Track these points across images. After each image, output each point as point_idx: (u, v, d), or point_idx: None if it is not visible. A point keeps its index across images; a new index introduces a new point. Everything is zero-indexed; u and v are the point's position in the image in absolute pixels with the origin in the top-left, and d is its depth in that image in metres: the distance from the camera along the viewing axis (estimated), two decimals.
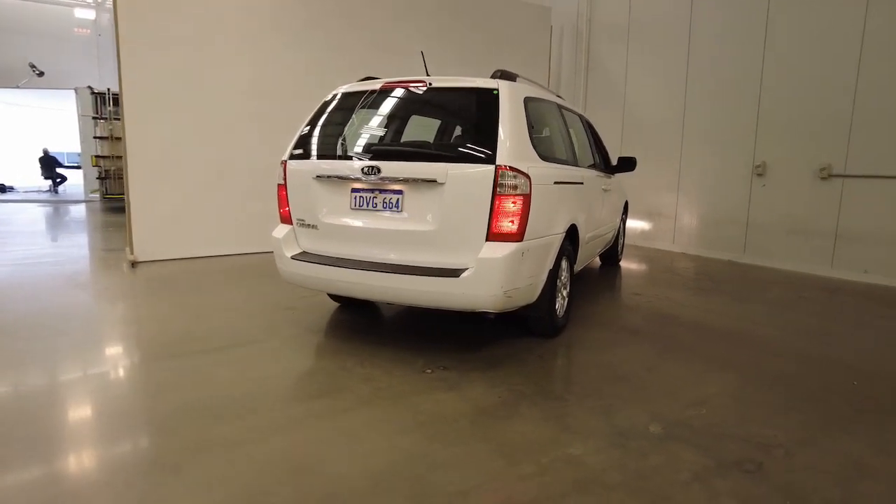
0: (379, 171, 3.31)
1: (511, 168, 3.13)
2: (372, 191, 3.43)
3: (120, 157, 11.59)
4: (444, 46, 8.09)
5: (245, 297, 4.93)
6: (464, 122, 3.54)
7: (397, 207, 3.36)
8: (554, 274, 3.64)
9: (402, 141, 3.80)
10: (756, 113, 6.69)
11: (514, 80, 3.58)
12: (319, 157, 3.68)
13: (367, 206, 3.45)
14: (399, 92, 3.66)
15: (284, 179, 3.77)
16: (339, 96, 3.85)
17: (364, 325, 4.21)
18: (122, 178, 11.69)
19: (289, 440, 2.50)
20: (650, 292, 5.45)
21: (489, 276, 3.11)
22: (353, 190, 3.49)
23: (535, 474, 2.27)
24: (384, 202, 3.40)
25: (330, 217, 3.58)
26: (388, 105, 3.71)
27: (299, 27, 7.05)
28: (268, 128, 6.94)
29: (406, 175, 3.28)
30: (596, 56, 8.82)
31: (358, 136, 3.69)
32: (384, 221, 3.41)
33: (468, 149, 3.26)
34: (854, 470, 2.35)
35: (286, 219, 3.83)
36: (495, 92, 3.36)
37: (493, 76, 3.54)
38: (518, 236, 3.17)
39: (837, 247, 6.07)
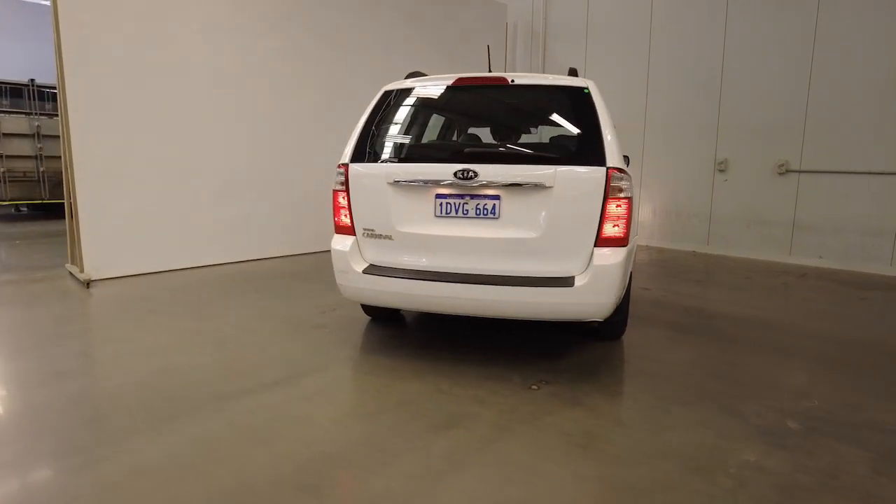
0: (475, 174, 3.06)
1: (619, 170, 3.04)
2: (461, 196, 3.17)
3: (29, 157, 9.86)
4: (401, 40, 7.82)
5: (256, 316, 4.38)
6: (558, 122, 3.38)
7: (493, 214, 3.14)
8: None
9: (485, 142, 3.56)
10: (717, 112, 7.20)
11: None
12: (394, 159, 3.33)
13: (457, 213, 3.19)
14: (476, 89, 3.42)
15: (346, 185, 3.37)
16: (400, 93, 3.52)
17: (411, 339, 3.91)
18: (28, 180, 9.95)
19: (470, 486, 2.23)
20: (654, 286, 5.66)
21: (605, 283, 3.01)
22: (438, 196, 3.21)
23: (737, 487, 2.22)
24: (477, 208, 3.15)
25: (409, 226, 3.25)
26: (463, 103, 3.47)
27: (268, 14, 6.39)
28: (238, 123, 6.25)
29: (509, 179, 3.06)
30: (553, 54, 8.98)
31: (439, 136, 3.38)
32: (477, 229, 3.17)
33: (576, 150, 3.12)
34: None
35: (345, 229, 3.43)
36: (586, 91, 3.25)
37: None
38: (625, 240, 3.10)
39: (795, 236, 6.73)
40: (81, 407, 2.82)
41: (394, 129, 3.42)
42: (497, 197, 3.12)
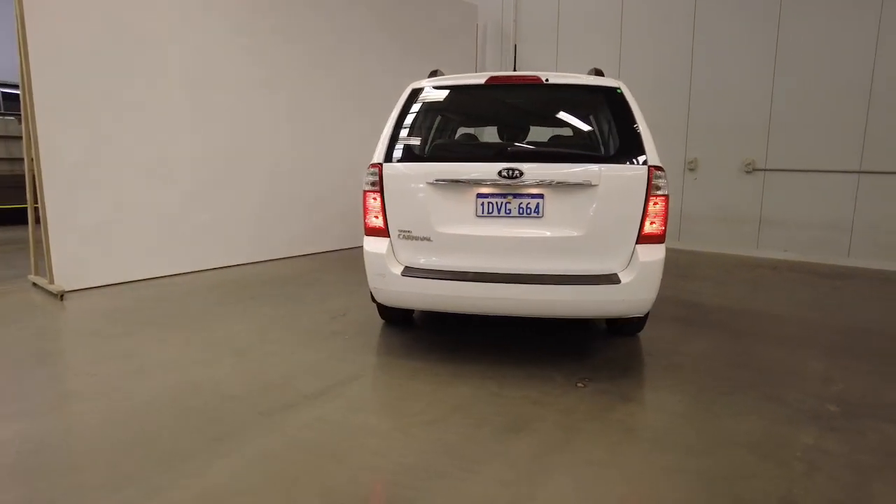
0: (521, 173, 3.05)
1: (659, 168, 3.12)
2: (504, 195, 3.14)
3: None
4: (375, 40, 7.71)
5: (264, 324, 4.17)
6: (595, 122, 3.41)
7: (537, 212, 3.13)
8: None
9: (527, 140, 3.53)
10: (687, 113, 7.54)
11: None
12: (433, 158, 3.26)
13: (499, 212, 3.16)
14: (509, 88, 3.40)
15: (380, 185, 3.26)
16: (429, 91, 3.44)
17: (434, 342, 3.83)
18: None
19: (569, 488, 2.21)
20: None
21: (650, 279, 3.07)
22: (480, 195, 3.16)
23: (811, 470, 2.32)
24: (520, 207, 3.14)
25: (449, 227, 3.19)
26: (497, 102, 3.43)
27: (241, 12, 6.09)
28: (214, 123, 5.92)
29: (556, 178, 3.07)
30: (524, 55, 9.09)
31: (478, 135, 3.33)
32: (520, 228, 3.15)
33: (618, 149, 3.16)
34: None
35: (378, 231, 3.32)
36: (619, 91, 3.31)
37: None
38: (663, 237, 3.18)
39: (761, 231, 7.15)
40: (112, 431, 2.58)
41: (427, 128, 3.35)
42: (541, 196, 3.12)
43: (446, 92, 3.47)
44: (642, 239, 3.12)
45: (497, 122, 3.50)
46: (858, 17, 6.32)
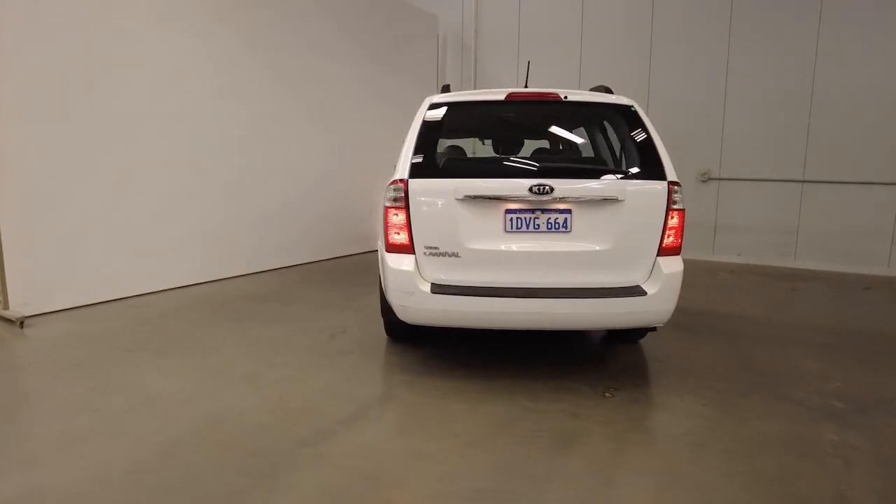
0: (552, 189, 3.09)
1: (677, 184, 3.25)
2: (532, 211, 3.17)
3: None
4: (338, 48, 7.59)
5: (263, 347, 3.97)
6: (613, 138, 3.50)
7: (565, 227, 3.18)
8: None
9: (560, 157, 3.56)
10: None
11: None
12: (459, 174, 3.23)
13: (528, 227, 3.18)
14: (528, 105, 3.43)
15: (405, 201, 3.20)
16: (448, 106, 3.41)
17: (448, 358, 3.80)
18: None
19: (641, 501, 2.24)
20: None
21: (673, 290, 3.19)
22: (508, 211, 3.17)
23: (847, 465, 2.49)
24: (549, 222, 3.18)
25: (478, 242, 3.18)
26: (516, 117, 3.46)
27: (206, 18, 5.80)
28: (179, 131, 5.59)
29: (584, 194, 3.13)
30: (485, 66, 9.22)
31: (503, 151, 3.35)
32: (549, 243, 3.19)
33: (640, 165, 3.27)
34: None
35: (402, 247, 3.25)
36: (633, 108, 3.43)
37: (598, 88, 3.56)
38: (679, 249, 3.32)
39: (717, 236, 7.61)
40: (145, 475, 2.36)
41: (450, 144, 3.32)
42: (569, 211, 3.17)
43: (465, 107, 3.46)
44: (662, 251, 3.24)
45: (519, 138, 3.53)
46: (799, 37, 6.89)
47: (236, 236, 6.23)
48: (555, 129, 3.86)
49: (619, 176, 3.24)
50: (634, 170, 3.26)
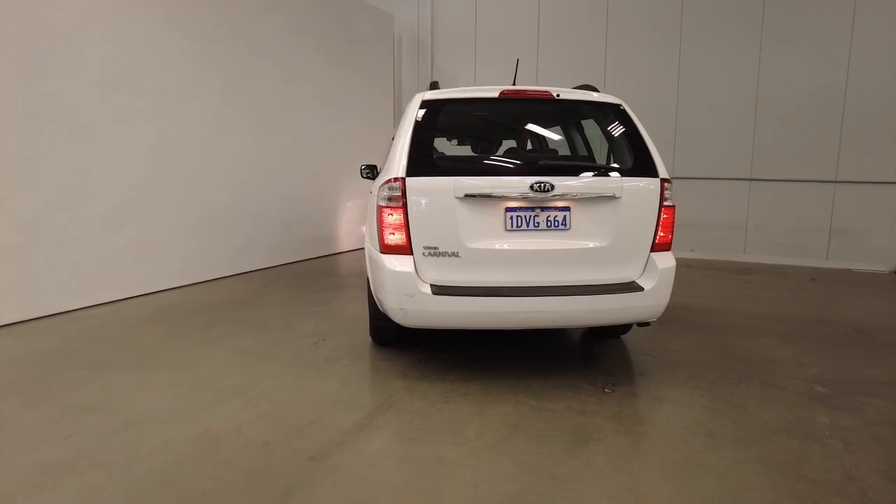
0: (552, 187, 3.08)
1: (668, 181, 3.33)
2: (532, 209, 3.15)
3: None
4: (292, 47, 7.38)
5: (244, 358, 3.75)
6: (606, 136, 3.52)
7: (564, 225, 3.18)
8: None
9: (557, 155, 3.54)
10: None
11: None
12: (458, 172, 3.16)
13: (528, 225, 3.16)
14: (521, 102, 3.41)
15: (403, 201, 3.10)
16: (441, 104, 3.34)
17: (440, 360, 3.73)
18: None
19: (670, 494, 2.26)
20: None
21: (668, 285, 3.26)
22: (509, 209, 3.14)
23: (847, 446, 2.62)
24: (548, 220, 3.17)
25: (479, 242, 3.12)
26: (509, 115, 3.43)
27: (172, 6, 5.44)
28: (136, 128, 5.22)
29: (584, 191, 3.14)
30: (442, 66, 9.18)
31: (498, 148, 3.30)
32: (548, 241, 3.18)
33: (633, 163, 3.31)
34: None
35: (399, 248, 3.15)
36: (622, 108, 3.48)
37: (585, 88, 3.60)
38: (670, 245, 3.40)
39: None
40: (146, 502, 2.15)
41: (446, 141, 3.25)
42: (567, 208, 3.18)
43: (458, 104, 3.40)
44: (655, 247, 3.31)
45: (511, 135, 3.50)
46: (743, 43, 7.30)
47: (195, 241, 5.88)
48: (547, 127, 3.87)
49: (616, 173, 3.28)
50: (629, 167, 3.31)
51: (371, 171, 5.50)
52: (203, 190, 5.93)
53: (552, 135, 3.95)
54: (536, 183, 3.07)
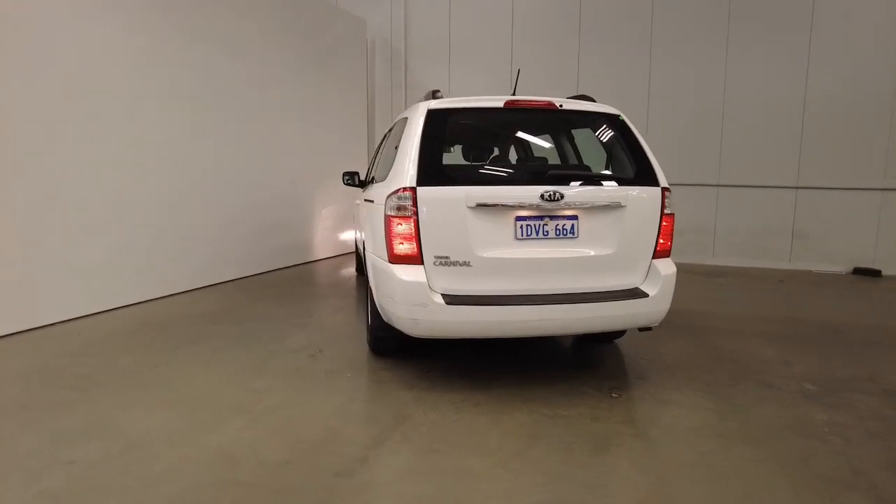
0: (562, 196, 3.12)
1: (668, 189, 3.44)
2: (541, 218, 3.19)
3: None
4: (264, 51, 7.24)
5: (238, 374, 3.62)
6: (607, 146, 3.58)
7: (572, 233, 3.23)
8: None
9: (563, 164, 3.57)
10: None
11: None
12: (469, 181, 3.16)
13: (537, 234, 3.19)
14: (525, 112, 3.45)
15: (414, 211, 3.07)
16: (447, 113, 3.33)
17: (443, 369, 3.72)
18: None
19: (701, 495, 2.32)
20: None
21: (670, 290, 3.36)
22: (518, 218, 3.16)
23: (846, 441, 2.76)
24: (557, 229, 3.21)
25: (490, 251, 3.13)
26: (513, 125, 3.47)
27: (139, 9, 5.22)
28: (102, 134, 4.98)
29: (593, 200, 3.20)
30: (416, 73, 9.16)
31: (507, 158, 3.32)
32: (557, 249, 3.22)
33: (636, 172, 3.39)
34: None
35: (409, 258, 3.12)
36: (621, 118, 3.57)
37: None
38: (670, 252, 3.51)
39: None
40: None
41: (454, 151, 3.25)
42: (575, 217, 3.23)
43: (465, 114, 3.40)
44: (657, 254, 3.41)
45: (516, 145, 3.53)
46: (711, 53, 7.61)
47: (170, 250, 5.65)
48: (550, 137, 3.92)
49: (621, 182, 3.35)
50: (631, 177, 3.39)
51: (352, 178, 5.46)
52: (176, 198, 5.70)
53: (556, 144, 4.01)
54: (547, 192, 3.11)
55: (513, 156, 3.93)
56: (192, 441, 2.71)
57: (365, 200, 4.16)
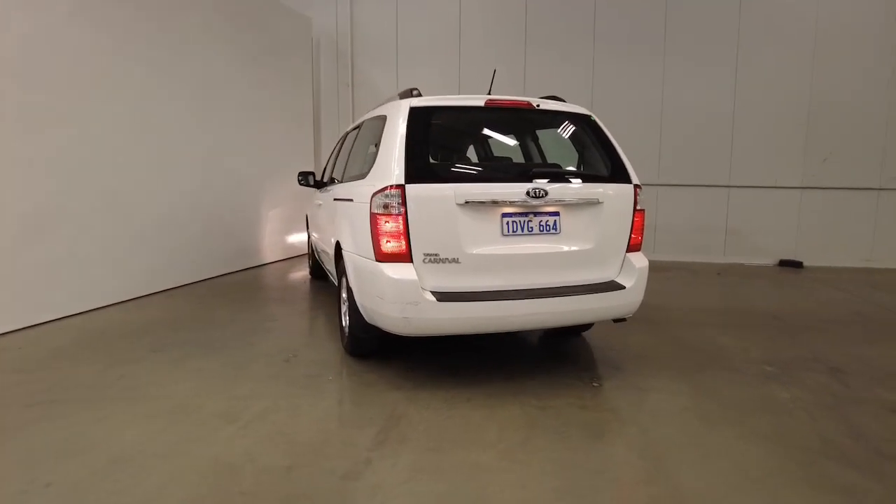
0: (546, 193, 3.21)
1: (640, 186, 3.62)
2: (525, 214, 3.26)
3: None
4: (204, 47, 6.98)
5: (215, 382, 3.46)
6: (581, 145, 3.69)
7: (555, 229, 3.33)
8: None
9: (545, 162, 3.64)
10: None
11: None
12: (457, 179, 3.17)
13: (522, 230, 3.26)
14: (504, 111, 3.51)
15: (403, 208, 3.06)
16: (430, 111, 3.33)
17: (427, 367, 3.73)
18: None
19: (707, 479, 2.45)
20: None
21: (643, 283, 3.54)
22: (505, 215, 3.22)
23: (813, 417, 3.01)
24: (540, 225, 3.29)
25: (478, 247, 3.16)
26: (494, 123, 3.54)
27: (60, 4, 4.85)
28: (43, 131, 4.60)
29: (573, 196, 3.30)
30: (362, 70, 9.04)
31: (490, 155, 3.38)
32: (541, 245, 3.31)
33: (610, 170, 3.53)
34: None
35: (397, 256, 3.10)
36: (592, 118, 3.72)
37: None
38: (641, 245, 3.69)
39: None
40: None
41: (440, 149, 3.27)
42: (557, 213, 3.33)
43: (447, 112, 3.42)
44: (630, 248, 3.58)
45: (498, 143, 3.59)
46: (650, 59, 8.04)
47: (114, 256, 5.28)
48: (528, 136, 4.01)
49: (597, 180, 3.49)
50: (606, 174, 3.54)
51: (306, 179, 5.34)
52: (119, 200, 5.34)
53: (535, 143, 4.11)
54: (532, 189, 3.19)
55: (500, 154, 3.99)
56: (182, 452, 2.56)
57: (337, 200, 4.08)
